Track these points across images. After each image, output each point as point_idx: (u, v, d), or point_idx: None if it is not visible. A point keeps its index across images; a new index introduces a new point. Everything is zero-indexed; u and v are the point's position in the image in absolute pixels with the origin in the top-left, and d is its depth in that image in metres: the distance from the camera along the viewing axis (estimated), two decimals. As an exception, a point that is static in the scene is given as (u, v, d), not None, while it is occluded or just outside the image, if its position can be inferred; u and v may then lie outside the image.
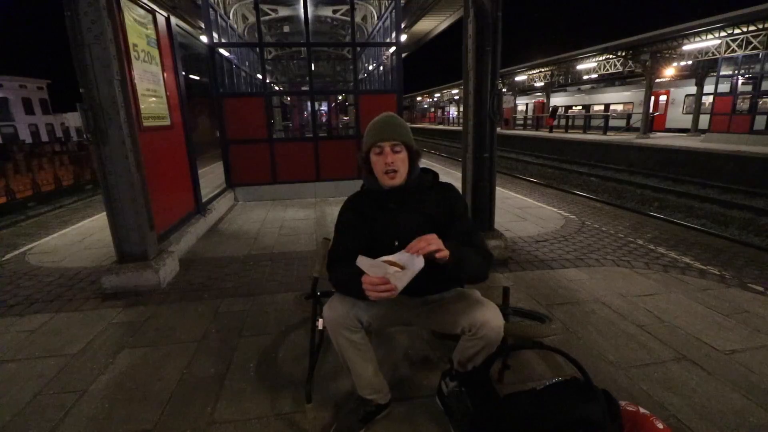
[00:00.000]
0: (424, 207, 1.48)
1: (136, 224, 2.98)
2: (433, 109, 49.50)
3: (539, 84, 24.92)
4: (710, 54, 13.53)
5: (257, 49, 7.06)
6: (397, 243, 1.42)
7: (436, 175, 1.56)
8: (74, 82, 2.68)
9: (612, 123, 20.34)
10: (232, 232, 4.59)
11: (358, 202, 1.56)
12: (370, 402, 1.57)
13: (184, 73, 4.36)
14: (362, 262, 1.23)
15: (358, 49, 9.08)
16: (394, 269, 1.20)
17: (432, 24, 12.47)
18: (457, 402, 1.49)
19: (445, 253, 1.23)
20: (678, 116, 19.84)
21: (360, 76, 9.07)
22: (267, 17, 8.80)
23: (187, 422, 1.64)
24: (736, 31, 11.93)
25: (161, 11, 3.87)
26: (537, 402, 1.31)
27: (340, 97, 16.06)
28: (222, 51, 6.21)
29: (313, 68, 7.40)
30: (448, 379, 1.55)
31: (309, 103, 7.17)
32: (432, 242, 1.22)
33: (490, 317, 1.36)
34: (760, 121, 12.01)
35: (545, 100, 26.53)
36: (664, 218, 6.93)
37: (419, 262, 1.19)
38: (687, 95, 19.13)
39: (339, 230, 1.55)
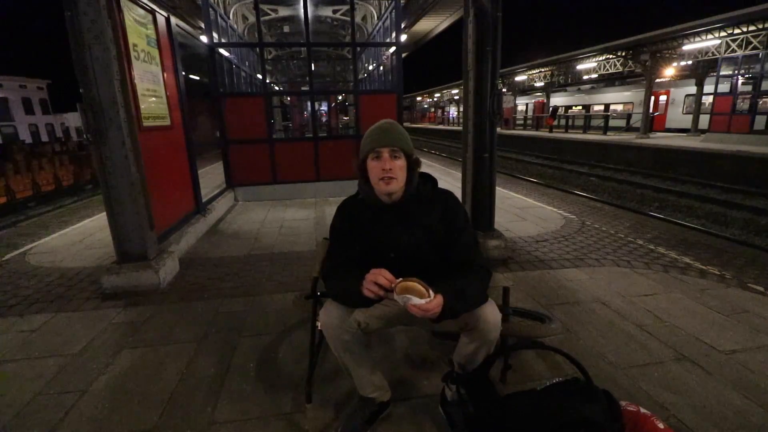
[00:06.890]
0: (423, 219, 1.42)
1: (136, 224, 2.98)
2: (433, 109, 49.47)
3: (539, 84, 24.93)
4: (710, 54, 13.53)
5: (257, 49, 7.06)
6: (392, 255, 1.41)
7: (435, 182, 1.50)
8: (74, 82, 2.67)
9: (612, 123, 20.34)
10: (232, 232, 4.59)
11: (353, 209, 1.50)
12: (373, 400, 1.56)
13: (184, 73, 4.36)
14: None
15: (358, 49, 9.07)
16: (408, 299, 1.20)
17: (432, 24, 12.48)
18: (458, 410, 1.48)
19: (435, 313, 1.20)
20: (678, 116, 19.83)
21: (360, 76, 9.06)
22: (267, 17, 8.80)
23: (187, 422, 1.64)
24: (736, 31, 11.94)
25: (161, 11, 3.87)
26: (537, 402, 1.31)
27: (340, 97, 16.05)
28: (222, 51, 6.21)
29: (313, 68, 7.40)
30: (449, 382, 1.54)
31: (309, 103, 7.16)
32: (434, 313, 1.20)
33: (487, 312, 1.36)
34: (760, 121, 12.01)
35: (545, 100, 26.54)
36: (664, 218, 6.92)
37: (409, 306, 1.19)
38: (687, 95, 19.11)
39: (333, 238, 1.51)
